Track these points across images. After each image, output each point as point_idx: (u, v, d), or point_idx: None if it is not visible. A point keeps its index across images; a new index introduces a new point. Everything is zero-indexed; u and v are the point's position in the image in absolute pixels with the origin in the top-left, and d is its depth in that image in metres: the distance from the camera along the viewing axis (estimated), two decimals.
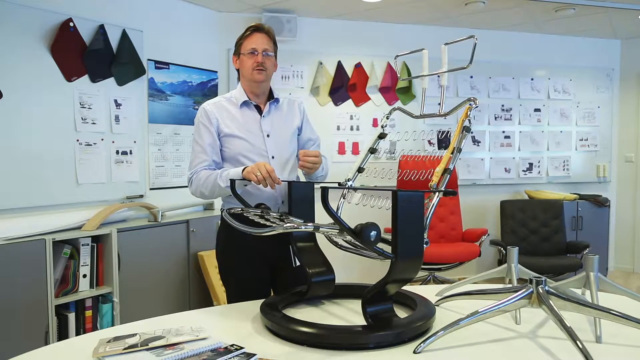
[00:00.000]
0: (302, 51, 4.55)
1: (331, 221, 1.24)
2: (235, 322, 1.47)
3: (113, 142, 3.50)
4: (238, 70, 1.99)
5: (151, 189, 3.80)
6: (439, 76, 1.58)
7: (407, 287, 1.55)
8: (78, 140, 3.30)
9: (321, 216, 1.48)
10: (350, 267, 3.61)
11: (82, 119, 3.31)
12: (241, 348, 1.19)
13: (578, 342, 1.14)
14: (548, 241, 4.71)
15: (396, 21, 4.79)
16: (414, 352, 1.21)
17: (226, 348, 1.19)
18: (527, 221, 4.76)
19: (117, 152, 3.53)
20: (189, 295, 3.59)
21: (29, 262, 2.71)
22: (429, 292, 1.63)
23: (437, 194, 1.39)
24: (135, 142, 3.65)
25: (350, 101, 4.75)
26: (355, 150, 4.76)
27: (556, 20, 4.72)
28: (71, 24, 3.21)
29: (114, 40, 3.48)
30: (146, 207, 3.52)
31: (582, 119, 5.39)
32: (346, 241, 1.59)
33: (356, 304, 1.53)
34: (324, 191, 1.22)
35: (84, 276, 3.01)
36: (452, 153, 1.45)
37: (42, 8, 3.08)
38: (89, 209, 3.25)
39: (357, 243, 1.33)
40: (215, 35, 4.32)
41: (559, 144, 5.32)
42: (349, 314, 1.54)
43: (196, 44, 4.16)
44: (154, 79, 3.80)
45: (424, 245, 1.29)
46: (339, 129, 4.73)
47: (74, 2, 3.27)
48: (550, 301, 1.24)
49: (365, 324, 1.31)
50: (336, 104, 4.71)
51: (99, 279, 3.09)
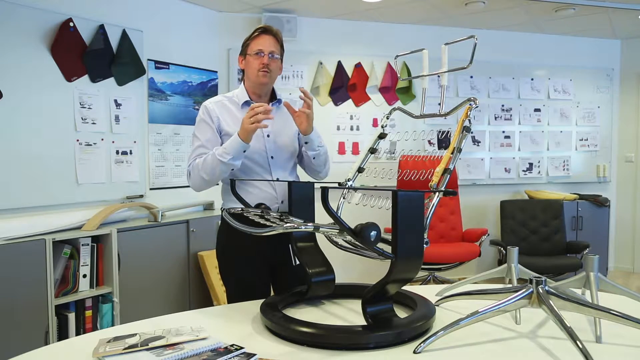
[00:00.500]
0: (302, 51, 4.55)
1: (331, 221, 1.24)
2: (235, 322, 1.47)
3: (113, 142, 3.50)
4: (242, 71, 1.98)
5: (151, 189, 3.80)
6: (439, 76, 1.58)
7: (407, 287, 1.55)
8: (78, 140, 3.30)
9: (321, 216, 1.48)
10: (350, 267, 3.61)
11: (82, 119, 3.31)
12: (241, 348, 1.19)
13: (578, 342, 1.14)
14: (548, 241, 4.71)
15: (396, 21, 4.79)
16: (414, 352, 1.21)
17: (226, 348, 1.19)
18: (527, 221, 4.76)
19: (117, 152, 3.53)
20: (189, 295, 3.59)
21: (29, 262, 2.71)
22: (429, 292, 1.63)
23: (437, 194, 1.39)
24: (135, 142, 3.65)
25: (350, 101, 4.75)
26: (355, 150, 4.76)
27: (556, 20, 4.72)
28: (71, 24, 3.21)
29: (114, 40, 3.48)
30: (146, 207, 3.52)
31: (582, 119, 5.39)
32: (346, 241, 1.59)
33: (356, 304, 1.53)
34: (324, 191, 1.22)
35: (84, 276, 3.01)
36: (452, 153, 1.45)
37: (42, 8, 3.08)
38: (89, 209, 3.25)
39: (357, 243, 1.32)
40: (215, 35, 4.32)
41: (559, 144, 5.32)
42: (349, 314, 1.54)
43: (196, 44, 4.16)
44: (154, 79, 3.80)
45: (424, 245, 1.29)
46: (339, 129, 4.73)
47: (74, 2, 3.27)
48: (550, 301, 1.24)
49: (365, 324, 1.31)
50: (336, 104, 4.71)
51: (99, 279, 3.09)
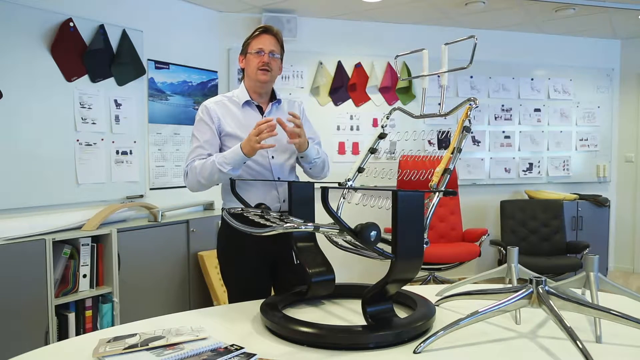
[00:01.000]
0: (302, 51, 4.55)
1: (331, 221, 1.24)
2: (235, 322, 1.47)
3: (113, 142, 3.50)
4: (243, 70, 1.99)
5: (151, 189, 3.80)
6: (439, 76, 1.58)
7: (407, 287, 1.55)
8: (78, 140, 3.30)
9: (321, 216, 1.48)
10: (350, 267, 3.61)
11: (82, 119, 3.31)
12: (241, 348, 1.19)
13: (578, 342, 1.14)
14: (548, 241, 4.71)
15: (396, 21, 4.78)
16: (414, 352, 1.21)
17: (226, 348, 1.19)
18: (527, 221, 4.75)
19: (117, 152, 3.53)
20: (189, 295, 3.59)
21: (29, 262, 2.71)
22: (429, 292, 1.63)
23: (437, 194, 1.39)
24: (135, 142, 3.65)
25: (350, 101, 4.75)
26: (355, 150, 4.76)
27: (556, 20, 4.72)
28: (71, 24, 3.21)
29: (114, 40, 3.48)
30: (146, 207, 3.52)
31: (582, 119, 5.39)
32: (346, 241, 1.59)
33: (356, 304, 1.53)
34: (324, 191, 1.22)
35: (84, 276, 3.01)
36: (452, 153, 1.45)
37: (42, 8, 3.08)
38: (89, 209, 3.25)
39: (357, 243, 1.32)
40: (215, 35, 4.32)
41: (559, 144, 5.32)
42: (349, 314, 1.54)
43: (196, 44, 4.16)
44: (154, 79, 3.80)
45: (424, 245, 1.29)
46: (339, 129, 4.73)
47: (74, 2, 3.27)
48: (550, 301, 1.24)
49: (365, 324, 1.31)
50: (336, 104, 4.71)
51: (99, 279, 3.09)
